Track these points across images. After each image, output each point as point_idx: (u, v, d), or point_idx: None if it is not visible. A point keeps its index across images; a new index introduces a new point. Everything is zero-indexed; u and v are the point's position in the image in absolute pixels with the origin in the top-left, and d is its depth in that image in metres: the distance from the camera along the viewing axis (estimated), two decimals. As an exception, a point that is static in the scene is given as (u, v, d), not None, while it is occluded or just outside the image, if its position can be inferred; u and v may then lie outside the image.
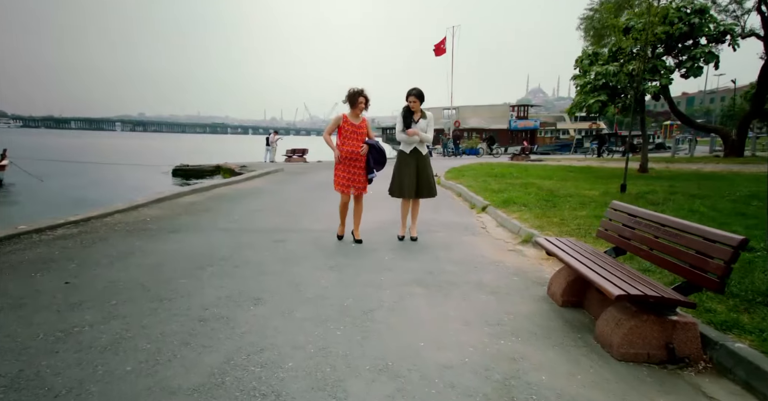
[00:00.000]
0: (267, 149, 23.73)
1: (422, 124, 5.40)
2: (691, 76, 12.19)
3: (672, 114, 53.85)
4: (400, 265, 4.56)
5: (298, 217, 7.07)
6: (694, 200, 7.40)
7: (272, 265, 4.51)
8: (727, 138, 22.11)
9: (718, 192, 8.47)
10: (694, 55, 12.11)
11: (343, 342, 2.90)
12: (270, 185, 11.49)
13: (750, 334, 2.60)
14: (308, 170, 16.50)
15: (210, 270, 4.34)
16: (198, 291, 3.78)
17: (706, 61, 12.27)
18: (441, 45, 31.14)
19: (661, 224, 2.97)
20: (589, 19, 21.30)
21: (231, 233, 5.92)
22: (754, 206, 6.90)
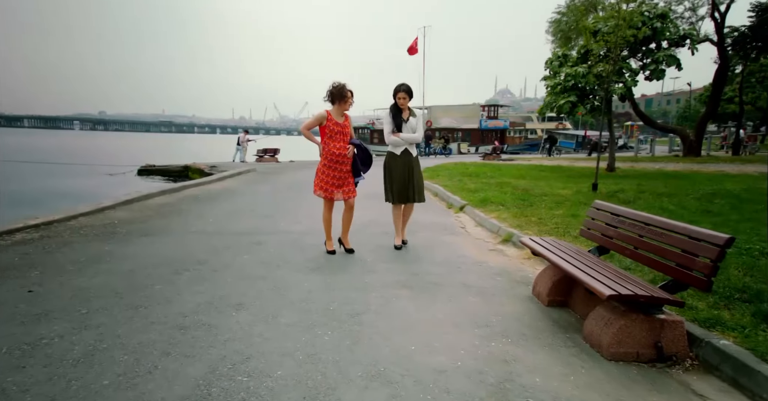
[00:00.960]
0: (237, 148, 23.22)
1: (413, 123, 5.06)
2: (654, 79, 12.63)
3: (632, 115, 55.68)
4: (384, 267, 4.51)
5: (275, 218, 6.91)
6: (662, 199, 7.65)
7: (252, 269, 4.38)
8: (685, 138, 23.04)
9: (683, 191, 8.78)
10: (657, 58, 12.55)
11: (332, 347, 2.83)
12: (243, 186, 11.24)
13: (732, 331, 2.67)
14: (281, 170, 16.23)
15: (187, 275, 4.18)
16: (176, 298, 3.62)
17: (668, 64, 12.74)
18: (414, 45, 31.26)
19: (645, 223, 3.02)
20: (557, 22, 21.78)
21: (206, 235, 5.73)
22: (717, 203, 7.17)
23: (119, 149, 46.35)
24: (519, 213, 6.54)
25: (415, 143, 5.14)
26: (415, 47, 31.83)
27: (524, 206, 7.14)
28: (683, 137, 23.27)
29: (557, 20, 21.84)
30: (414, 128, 5.07)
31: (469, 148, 39.07)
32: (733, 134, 28.14)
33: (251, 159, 22.98)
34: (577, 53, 13.08)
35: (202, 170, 17.31)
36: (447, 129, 40.36)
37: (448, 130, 40.46)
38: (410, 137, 5.03)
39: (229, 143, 25.30)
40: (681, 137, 23.82)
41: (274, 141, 44.99)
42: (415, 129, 5.08)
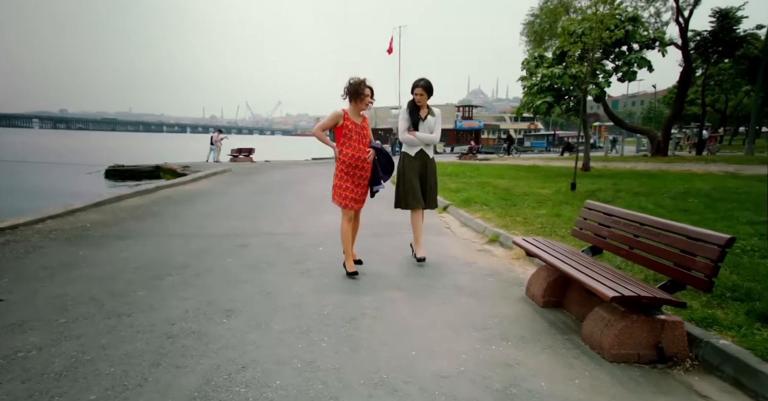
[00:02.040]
0: (211, 148, 22.70)
1: (430, 122, 4.59)
2: (627, 80, 12.97)
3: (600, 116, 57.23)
4: (374, 269, 4.43)
5: (256, 220, 6.75)
6: (639, 198, 7.83)
7: (238, 272, 4.24)
8: (653, 139, 23.78)
9: (657, 190, 9.03)
10: (629, 60, 12.89)
11: (330, 354, 2.74)
12: (220, 186, 10.96)
13: (729, 330, 2.71)
14: (258, 171, 15.94)
15: (170, 280, 4.01)
16: (160, 304, 3.46)
17: (640, 65, 13.09)
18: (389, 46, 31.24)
19: (640, 223, 3.05)
20: (531, 24, 22.18)
21: (186, 238, 5.54)
22: (692, 202, 7.39)
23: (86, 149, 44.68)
24: (503, 213, 6.58)
25: (433, 144, 4.68)
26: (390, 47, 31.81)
27: (507, 205, 7.19)
28: (652, 137, 24.00)
29: (531, 22, 22.26)
30: (431, 127, 4.60)
31: (444, 148, 39.37)
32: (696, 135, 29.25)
33: (225, 159, 22.53)
34: (552, 54, 13.30)
35: (174, 170, 16.84)
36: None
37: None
38: (427, 137, 4.57)
39: (201, 142, 24.75)
40: (649, 137, 24.56)
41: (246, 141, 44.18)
42: (433, 129, 4.61)
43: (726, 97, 37.35)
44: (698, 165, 16.14)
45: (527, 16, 22.44)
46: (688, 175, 12.52)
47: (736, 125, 50.26)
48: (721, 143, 34.93)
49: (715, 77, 33.47)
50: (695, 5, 22.70)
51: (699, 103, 33.94)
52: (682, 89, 23.02)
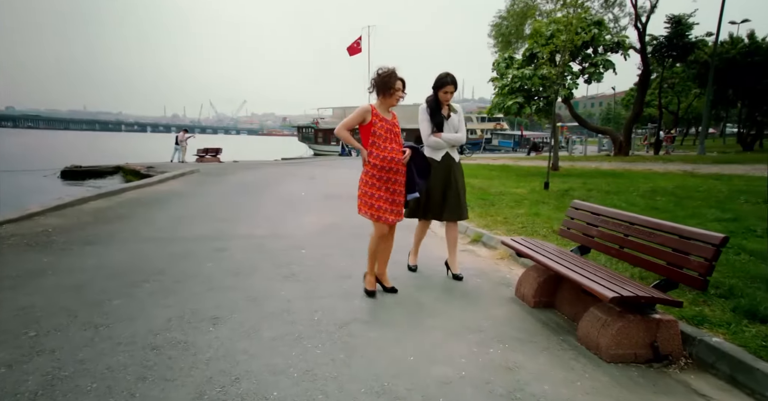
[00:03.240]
0: (176, 148, 21.96)
1: (454, 120, 4.13)
2: (594, 81, 13.37)
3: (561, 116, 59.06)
4: (360, 271, 4.32)
5: (232, 222, 6.54)
6: (610, 196, 8.05)
7: (220, 278, 4.08)
8: (616, 139, 24.65)
9: (626, 188, 9.32)
10: (595, 62, 13.28)
11: (326, 362, 2.65)
12: (190, 188, 10.60)
13: (719, 327, 2.77)
14: (227, 171, 15.53)
15: (147, 287, 3.81)
16: (140, 313, 3.28)
17: (605, 67, 13.52)
18: (356, 45, 31.08)
19: (630, 223, 3.10)
20: (498, 26, 22.56)
21: (160, 242, 5.30)
22: (660, 200, 7.66)
23: (38, 148, 42.46)
24: (483, 213, 6.62)
25: (459, 144, 4.21)
26: (356, 47, 31.67)
27: (486, 205, 7.24)
28: (614, 137, 24.85)
29: (498, 24, 22.64)
30: (456, 126, 4.13)
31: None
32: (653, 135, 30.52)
33: (191, 159, 21.87)
34: (522, 56, 13.56)
35: (137, 171, 16.20)
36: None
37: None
38: (454, 137, 4.10)
39: (163, 141, 23.92)
40: (612, 137, 25.42)
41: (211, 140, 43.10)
42: (458, 128, 4.15)
43: (678, 99, 39.11)
44: (658, 164, 16.82)
45: (495, 18, 22.81)
46: (651, 174, 13.00)
47: (687, 125, 52.81)
48: (673, 142, 36.66)
49: (668, 80, 35.03)
50: (651, 11, 23.69)
51: (655, 105, 35.47)
52: (641, 91, 23.95)
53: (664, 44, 27.17)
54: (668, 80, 35.12)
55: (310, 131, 44.39)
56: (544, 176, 10.40)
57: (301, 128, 47.60)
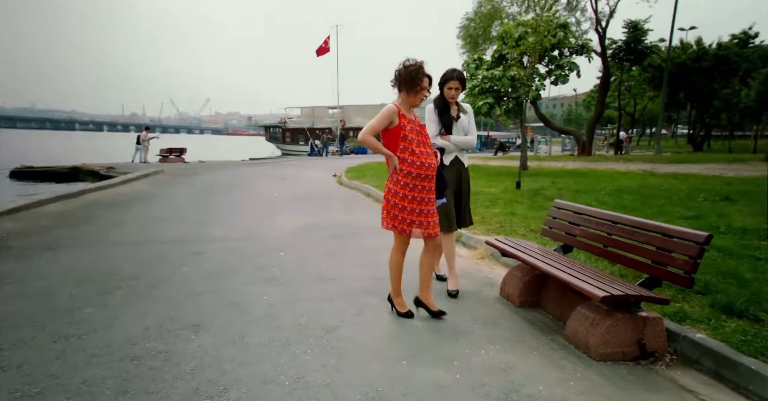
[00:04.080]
0: (137, 147, 21.10)
1: (463, 121, 3.77)
2: (560, 83, 13.73)
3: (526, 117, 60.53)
4: (342, 273, 4.29)
5: (207, 224, 6.32)
6: (580, 195, 8.26)
7: (198, 282, 3.93)
8: (579, 139, 25.42)
9: (593, 187, 9.59)
10: (561, 64, 13.63)
11: (317, 368, 2.58)
12: (157, 189, 10.22)
13: (700, 323, 2.85)
14: (194, 171, 15.08)
15: (120, 294, 3.63)
16: (114, 322, 3.12)
17: (570, 69, 13.90)
18: (324, 45, 30.83)
19: (613, 222, 3.16)
20: (466, 27, 22.86)
21: (131, 246, 5.07)
22: (627, 199, 7.91)
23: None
24: (460, 213, 6.65)
25: (469, 148, 3.88)
26: (325, 47, 31.44)
27: (462, 205, 7.29)
28: (578, 138, 25.61)
29: (466, 26, 22.93)
30: (465, 127, 3.78)
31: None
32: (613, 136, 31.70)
33: (154, 159, 21.10)
34: (491, 57, 13.77)
35: (96, 171, 15.51)
36: (361, 129, 40.54)
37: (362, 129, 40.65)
38: (464, 140, 3.76)
39: (122, 141, 22.98)
40: (576, 138, 26.19)
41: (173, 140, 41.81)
42: (468, 130, 3.79)
43: (634, 101, 40.77)
44: (619, 164, 17.43)
45: (462, 20, 23.09)
46: (614, 173, 13.44)
47: (642, 127, 55.19)
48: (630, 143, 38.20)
49: (625, 83, 36.48)
50: (611, 16, 24.54)
51: (613, 106, 36.86)
52: (602, 93, 24.77)
53: (622, 48, 28.24)
54: (625, 83, 36.59)
55: (277, 130, 43.77)
56: (514, 176, 10.58)
57: (268, 127, 46.88)
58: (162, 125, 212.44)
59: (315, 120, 40.79)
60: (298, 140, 40.39)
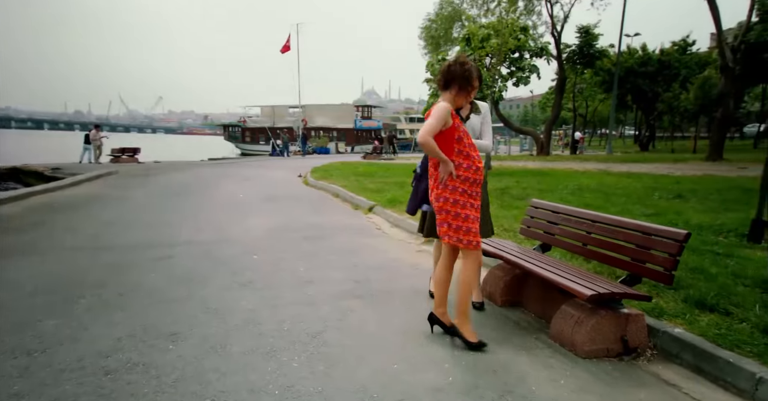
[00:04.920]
0: (85, 147, 19.92)
1: (474, 122, 3.35)
2: (521, 84, 14.09)
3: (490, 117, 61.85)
4: (320, 275, 4.20)
5: (172, 227, 6.05)
6: (545, 194, 8.49)
7: (170, 289, 3.74)
8: (537, 139, 26.21)
9: (555, 186, 9.88)
10: (522, 66, 13.99)
11: (307, 375, 2.50)
12: (111, 191, 9.70)
13: (676, 318, 2.94)
14: (152, 172, 14.44)
15: (85, 304, 3.40)
16: (82, 334, 2.92)
17: (531, 71, 14.30)
18: (286, 44, 30.34)
19: (592, 221, 3.24)
20: (428, 28, 23.09)
21: (91, 252, 4.77)
22: (589, 197, 8.20)
23: None
24: (432, 212, 6.68)
25: (485, 152, 3.47)
26: (287, 45, 30.96)
27: (433, 205, 7.32)
28: (536, 138, 26.40)
29: (428, 27, 23.17)
30: (477, 129, 3.36)
31: (346, 147, 39.50)
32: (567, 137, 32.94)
33: (104, 160, 20.02)
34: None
35: (40, 172, 14.57)
36: (322, 128, 40.26)
37: (324, 129, 40.36)
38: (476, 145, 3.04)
39: (66, 140, 21.59)
40: (535, 138, 26.98)
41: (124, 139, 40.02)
42: (479, 131, 3.37)
43: (586, 103, 42.52)
44: (576, 163, 18.07)
45: (424, 21, 23.31)
46: (573, 172, 13.92)
47: (593, 128, 57.70)
48: (584, 144, 39.84)
49: (578, 86, 37.97)
50: (565, 21, 25.49)
51: (567, 108, 38.32)
52: (559, 95, 25.67)
53: (575, 52, 29.37)
54: (578, 85, 38.08)
55: (236, 130, 42.73)
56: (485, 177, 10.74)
57: (227, 126, 45.67)
58: (110, 123, 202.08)
59: (276, 119, 40.09)
60: (259, 140, 39.57)
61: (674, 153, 25.91)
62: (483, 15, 14.88)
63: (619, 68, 26.32)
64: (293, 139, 32.64)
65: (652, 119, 33.77)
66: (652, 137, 36.25)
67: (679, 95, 31.12)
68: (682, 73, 30.25)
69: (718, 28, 17.66)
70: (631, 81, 30.06)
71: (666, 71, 30.27)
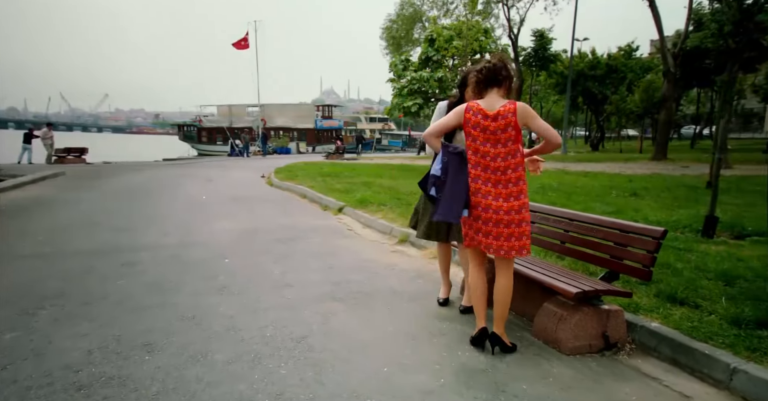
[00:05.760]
0: (24, 147, 18.51)
1: None
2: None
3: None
4: (298, 278, 4.11)
5: (132, 231, 5.75)
6: (509, 194, 8.68)
7: (140, 296, 3.55)
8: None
9: (518, 186, 10.13)
10: (483, 69, 14.30)
11: (296, 382, 2.43)
12: (61, 193, 9.13)
13: (651, 312, 3.06)
14: (102, 173, 13.73)
15: (46, 315, 3.18)
16: (47, 347, 2.72)
17: (491, 74, 14.62)
18: (243, 41, 29.54)
19: (570, 219, 3.33)
20: (389, 29, 23.18)
21: (46, 259, 4.47)
22: (552, 195, 8.47)
23: None
24: (404, 212, 6.64)
25: None
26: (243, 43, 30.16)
27: (403, 205, 7.30)
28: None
29: (389, 27, 23.26)
30: None
31: (307, 147, 39.02)
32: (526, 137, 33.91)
33: (40, 160, 18.66)
34: (418, 59, 14.07)
35: (-29, 173, 13.52)
36: (282, 128, 39.59)
37: (284, 129, 39.70)
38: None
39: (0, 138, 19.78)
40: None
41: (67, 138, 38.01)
42: None
43: (541, 104, 44.05)
44: (534, 163, 18.61)
45: (385, 21, 23.39)
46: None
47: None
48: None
49: (533, 87, 39.26)
50: (521, 24, 26.23)
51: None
52: (517, 96, 26.35)
53: (531, 55, 30.35)
54: (533, 87, 39.35)
55: (192, 129, 41.31)
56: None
57: (182, 126, 44.06)
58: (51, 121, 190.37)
59: (233, 119, 39.06)
60: (216, 140, 38.43)
61: (623, 153, 27.22)
62: (443, 16, 15.03)
63: (572, 71, 27.39)
64: (253, 139, 31.93)
65: (601, 120, 35.35)
66: (602, 137, 37.97)
67: (625, 97, 32.75)
68: (629, 77, 31.88)
69: (661, 36, 18.72)
70: (582, 84, 31.36)
71: (614, 75, 31.79)
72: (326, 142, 39.76)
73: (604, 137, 39.67)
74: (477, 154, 2.72)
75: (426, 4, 21.59)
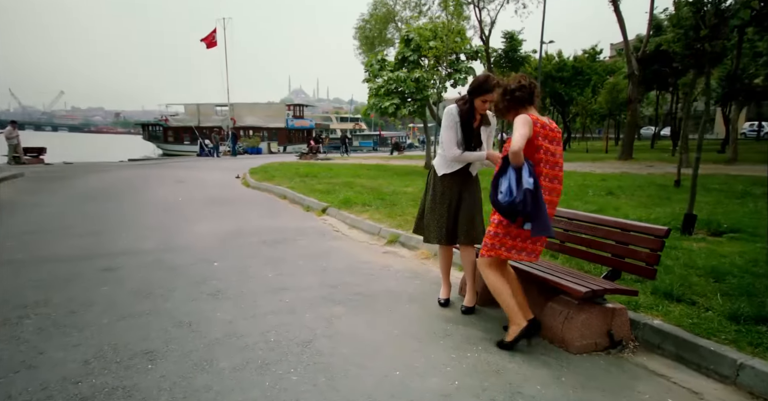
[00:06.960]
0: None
1: (482, 134, 3.37)
2: (459, 86, 14.48)
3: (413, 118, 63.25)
4: (293, 281, 4.02)
5: (107, 235, 5.49)
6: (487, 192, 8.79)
7: (129, 303, 3.38)
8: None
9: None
10: (460, 68, 14.40)
11: (309, 388, 2.36)
12: (23, 196, 8.65)
13: (651, 310, 3.12)
14: (65, 174, 13.11)
15: (32, 324, 2.99)
16: (38, 358, 2.56)
17: (467, 73, 14.76)
18: (211, 38, 28.82)
19: (569, 219, 3.38)
20: (362, 28, 23.11)
21: (20, 265, 4.21)
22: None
23: None
24: (390, 213, 6.63)
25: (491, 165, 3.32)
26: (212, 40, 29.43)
27: (389, 205, 7.27)
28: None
29: (362, 27, 23.19)
30: (484, 141, 3.39)
31: (279, 147, 38.46)
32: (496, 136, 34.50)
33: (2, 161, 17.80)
34: (395, 59, 14.06)
35: None
36: (253, 128, 38.88)
37: (254, 128, 39.00)
38: (478, 156, 3.32)
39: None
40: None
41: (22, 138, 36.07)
42: (485, 142, 3.39)
43: (511, 105, 44.89)
44: (506, 163, 18.93)
45: (358, 21, 23.30)
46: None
47: (516, 129, 61.16)
48: (506, 144, 42.12)
49: (504, 89, 39.89)
50: (492, 26, 26.65)
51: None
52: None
53: (502, 56, 30.87)
54: (503, 89, 39.98)
55: (158, 129, 39.99)
56: (422, 175, 10.93)
57: (146, 125, 42.58)
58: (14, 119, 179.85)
59: (201, 118, 38.07)
60: (183, 140, 37.36)
61: (589, 153, 28.06)
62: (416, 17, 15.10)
63: (540, 73, 28.00)
64: (223, 139, 31.22)
65: (568, 121, 36.32)
66: (569, 137, 39.01)
67: (591, 99, 33.79)
68: (593, 79, 32.87)
69: (626, 39, 19.40)
70: (549, 85, 32.13)
71: (579, 77, 32.72)
72: (298, 142, 39.29)
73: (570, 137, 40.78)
74: (547, 165, 2.77)
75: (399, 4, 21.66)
